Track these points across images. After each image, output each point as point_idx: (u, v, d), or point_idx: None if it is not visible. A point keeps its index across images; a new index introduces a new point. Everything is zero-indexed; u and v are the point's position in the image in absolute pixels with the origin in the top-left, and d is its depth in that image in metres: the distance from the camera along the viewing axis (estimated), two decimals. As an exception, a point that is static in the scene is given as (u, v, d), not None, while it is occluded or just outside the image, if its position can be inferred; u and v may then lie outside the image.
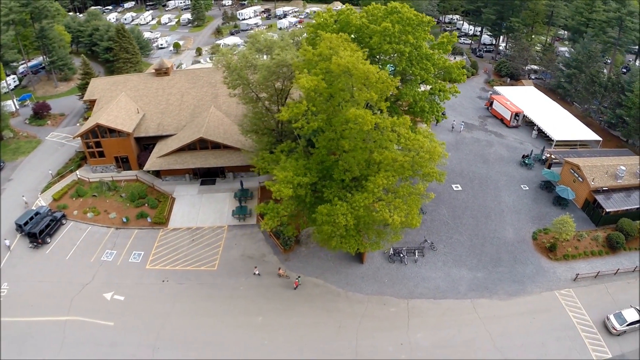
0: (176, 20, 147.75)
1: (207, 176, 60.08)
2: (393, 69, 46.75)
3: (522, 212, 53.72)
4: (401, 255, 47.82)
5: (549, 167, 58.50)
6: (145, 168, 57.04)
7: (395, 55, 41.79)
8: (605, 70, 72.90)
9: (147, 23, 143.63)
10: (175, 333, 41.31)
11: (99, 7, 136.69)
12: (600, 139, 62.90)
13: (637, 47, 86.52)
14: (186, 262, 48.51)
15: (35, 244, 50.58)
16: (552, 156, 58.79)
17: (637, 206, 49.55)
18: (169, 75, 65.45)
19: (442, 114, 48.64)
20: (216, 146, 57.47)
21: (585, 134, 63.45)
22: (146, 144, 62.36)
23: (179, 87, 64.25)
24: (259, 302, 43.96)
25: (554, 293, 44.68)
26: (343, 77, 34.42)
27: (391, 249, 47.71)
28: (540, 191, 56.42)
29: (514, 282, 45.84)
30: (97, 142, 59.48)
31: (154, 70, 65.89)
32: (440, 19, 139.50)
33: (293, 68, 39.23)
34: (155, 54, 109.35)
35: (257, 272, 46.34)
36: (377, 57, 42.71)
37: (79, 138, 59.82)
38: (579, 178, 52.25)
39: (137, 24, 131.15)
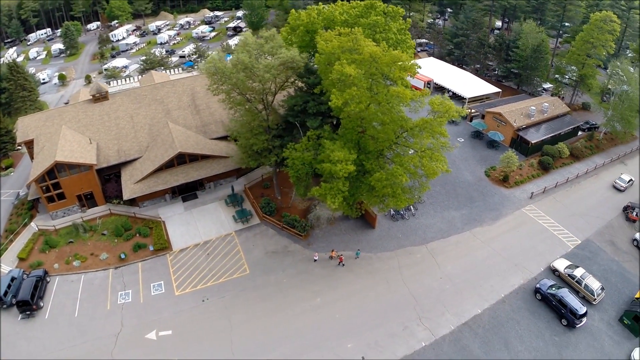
0: (45, 52, 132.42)
1: (186, 192, 58.75)
2: None
3: (468, 159, 65.18)
4: (401, 213, 54.89)
5: (470, 120, 71.41)
6: (126, 197, 53.41)
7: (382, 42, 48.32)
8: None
9: (15, 60, 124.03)
10: (248, 342, 41.39)
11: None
12: (500, 90, 78.36)
13: (504, 12, 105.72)
14: (215, 276, 48.01)
15: (28, 312, 43.62)
16: (473, 111, 72.05)
17: (551, 135, 64.92)
18: (109, 100, 61.23)
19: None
20: (193, 159, 56.94)
21: (488, 88, 78.09)
22: (107, 175, 58.01)
23: (124, 110, 60.69)
24: (308, 287, 46.56)
25: (522, 210, 56.71)
26: (372, 64, 39.77)
27: (391, 210, 54.39)
28: (473, 140, 68.80)
29: (491, 210, 56.61)
30: (55, 184, 53.53)
31: (91, 97, 60.87)
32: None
33: (316, 62, 42.78)
34: (40, 90, 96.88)
35: (316, 258, 48.98)
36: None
37: (31, 185, 53.25)
38: (502, 122, 65.69)
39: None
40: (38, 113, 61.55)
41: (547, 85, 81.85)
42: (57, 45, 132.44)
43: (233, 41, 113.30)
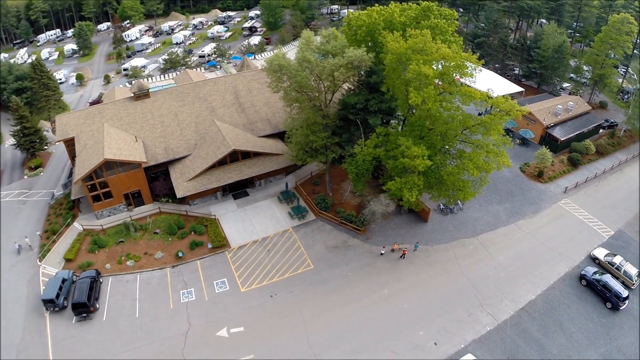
0: (57, 53, 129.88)
1: (236, 189, 59.04)
2: None
3: (501, 155, 67.88)
4: (450, 207, 56.84)
5: (499, 119, 74.06)
6: (179, 195, 53.38)
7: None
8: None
9: (26, 61, 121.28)
10: (323, 334, 42.22)
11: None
12: (523, 90, 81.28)
13: (520, 13, 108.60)
14: (279, 271, 48.58)
15: (84, 314, 42.82)
16: (501, 109, 74.95)
17: (577, 132, 68.31)
18: (150, 98, 60.82)
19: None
20: (245, 156, 57.38)
21: (512, 88, 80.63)
22: (152, 173, 57.71)
23: (167, 107, 60.45)
24: (374, 279, 47.88)
25: (558, 204, 59.49)
26: (444, 65, 41.64)
27: (441, 205, 56.33)
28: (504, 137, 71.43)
29: (530, 204, 59.21)
30: (102, 182, 52.98)
31: (132, 94, 60.34)
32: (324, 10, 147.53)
33: (387, 62, 44.12)
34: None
35: (382, 252, 50.42)
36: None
37: (71, 184, 52.33)
38: (532, 121, 68.58)
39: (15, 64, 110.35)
40: (77, 111, 60.86)
41: (565, 85, 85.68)
42: (70, 46, 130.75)
43: (253, 40, 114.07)
